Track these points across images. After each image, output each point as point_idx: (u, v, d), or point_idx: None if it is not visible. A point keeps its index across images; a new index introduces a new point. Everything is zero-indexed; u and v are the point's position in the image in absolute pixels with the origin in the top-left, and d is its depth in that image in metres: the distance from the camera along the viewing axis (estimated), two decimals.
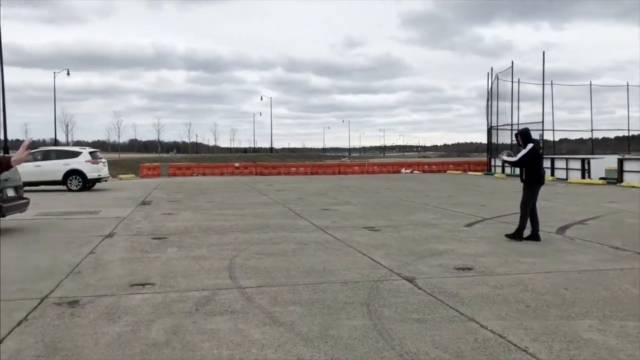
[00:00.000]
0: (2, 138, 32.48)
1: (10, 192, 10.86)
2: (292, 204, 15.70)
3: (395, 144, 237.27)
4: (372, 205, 15.40)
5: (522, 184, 9.37)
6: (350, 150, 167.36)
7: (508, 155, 9.86)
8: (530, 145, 9.18)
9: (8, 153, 31.38)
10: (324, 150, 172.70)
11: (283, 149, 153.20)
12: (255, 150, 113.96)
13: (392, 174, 38.22)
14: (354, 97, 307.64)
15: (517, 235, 9.15)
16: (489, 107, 36.23)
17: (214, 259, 7.70)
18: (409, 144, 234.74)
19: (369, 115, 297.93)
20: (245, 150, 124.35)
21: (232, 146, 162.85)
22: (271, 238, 9.54)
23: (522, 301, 5.47)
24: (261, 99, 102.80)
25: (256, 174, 36.76)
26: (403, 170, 39.84)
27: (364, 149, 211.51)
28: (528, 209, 9.21)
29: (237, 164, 40.00)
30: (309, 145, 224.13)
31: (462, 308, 5.25)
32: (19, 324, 4.83)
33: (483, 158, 43.33)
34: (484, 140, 40.00)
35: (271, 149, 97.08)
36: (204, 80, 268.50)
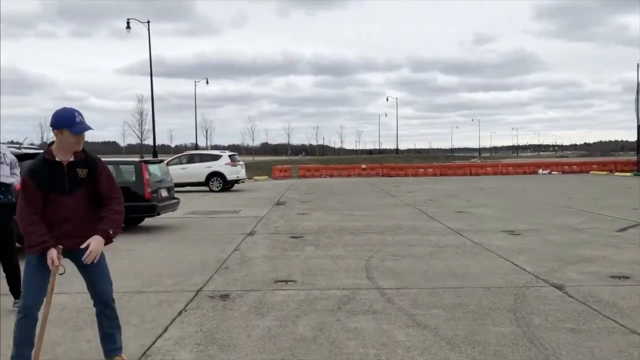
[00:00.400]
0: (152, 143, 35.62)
1: (164, 193, 11.88)
2: (423, 206, 15.48)
3: (529, 143, 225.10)
4: (510, 208, 14.71)
5: None
6: (480, 150, 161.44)
7: None
8: None
9: (157, 157, 34.36)
10: (452, 150, 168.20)
11: (409, 150, 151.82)
12: (381, 151, 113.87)
13: (528, 175, 36.21)
14: (484, 95, 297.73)
15: None
16: (638, 102, 33.03)
17: (350, 259, 7.82)
18: (544, 143, 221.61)
19: (499, 113, 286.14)
20: (370, 152, 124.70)
21: (357, 148, 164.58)
22: (405, 240, 9.47)
23: None
24: (387, 99, 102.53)
25: (382, 176, 36.73)
26: (540, 171, 37.52)
27: (495, 149, 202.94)
28: None
29: (363, 166, 40.25)
30: (435, 145, 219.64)
31: (622, 319, 4.83)
32: (179, 314, 5.26)
33: (632, 157, 39.56)
34: (631, 138, 36.79)
35: (397, 150, 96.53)
36: (330, 83, 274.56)
